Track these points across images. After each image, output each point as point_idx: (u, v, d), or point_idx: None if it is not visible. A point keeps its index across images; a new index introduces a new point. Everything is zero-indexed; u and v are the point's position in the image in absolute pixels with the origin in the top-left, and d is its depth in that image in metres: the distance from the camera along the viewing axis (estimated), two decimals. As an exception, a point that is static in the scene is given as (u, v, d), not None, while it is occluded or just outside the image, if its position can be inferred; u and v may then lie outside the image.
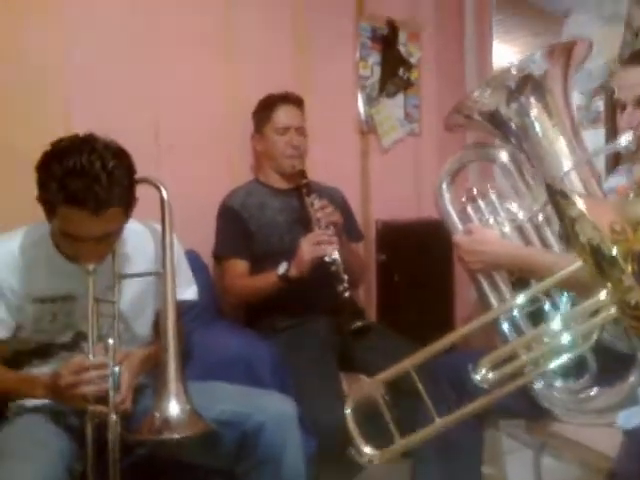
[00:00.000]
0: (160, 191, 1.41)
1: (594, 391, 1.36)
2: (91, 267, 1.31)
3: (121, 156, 1.27)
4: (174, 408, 1.28)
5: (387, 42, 2.67)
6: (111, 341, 1.31)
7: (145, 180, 1.39)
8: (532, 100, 1.42)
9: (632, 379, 1.30)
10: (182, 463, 1.44)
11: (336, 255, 1.86)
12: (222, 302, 2.19)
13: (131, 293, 1.46)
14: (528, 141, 1.45)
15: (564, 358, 0.75)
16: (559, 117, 1.42)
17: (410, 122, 2.75)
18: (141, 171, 1.44)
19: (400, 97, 2.72)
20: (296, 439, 1.39)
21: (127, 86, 2.10)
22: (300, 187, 2.08)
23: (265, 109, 2.19)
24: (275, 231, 2.11)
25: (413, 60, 2.74)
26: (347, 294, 1.83)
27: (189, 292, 1.57)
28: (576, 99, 2.53)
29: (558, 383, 1.39)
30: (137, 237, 1.47)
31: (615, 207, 0.66)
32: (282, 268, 1.92)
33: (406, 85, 2.73)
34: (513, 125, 1.45)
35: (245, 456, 1.39)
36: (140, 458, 1.40)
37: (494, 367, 0.77)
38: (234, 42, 2.33)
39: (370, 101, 2.65)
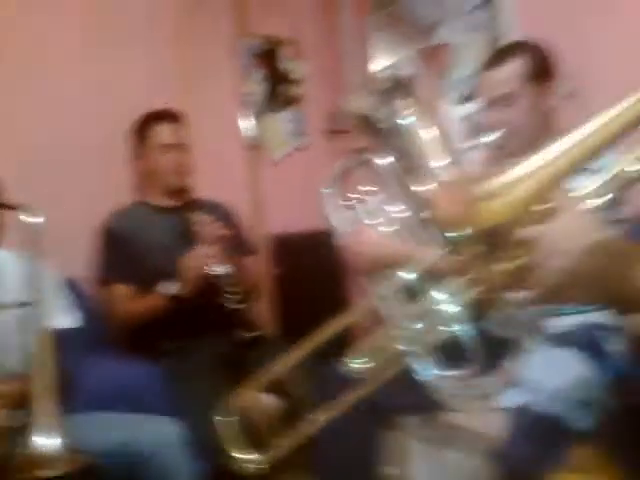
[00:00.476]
0: (30, 216, 1.31)
1: (479, 377, 1.39)
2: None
3: None
4: (46, 444, 1.17)
5: (269, 59, 2.68)
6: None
7: (12, 206, 1.29)
8: (402, 103, 1.44)
9: (511, 362, 1.34)
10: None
11: (221, 269, 1.82)
12: (109, 329, 2.07)
13: (-4, 325, 1.34)
14: (401, 143, 1.48)
15: (431, 342, 0.75)
16: (427, 118, 1.46)
17: (298, 136, 2.77)
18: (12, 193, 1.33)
19: (287, 112, 2.73)
20: (184, 462, 1.34)
21: None
22: (185, 204, 2.03)
23: (144, 127, 2.12)
24: (162, 251, 2.03)
25: (296, 76, 2.77)
26: (237, 307, 1.79)
27: (68, 320, 1.48)
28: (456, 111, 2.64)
29: (443, 373, 1.42)
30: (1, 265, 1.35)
31: (462, 190, 0.67)
32: (168, 288, 1.85)
33: (291, 100, 2.75)
34: (386, 128, 1.47)
35: None
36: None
37: (364, 356, 0.76)
38: (113, 57, 2.24)
39: (257, 116, 2.64)
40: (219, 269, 1.84)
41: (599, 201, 0.73)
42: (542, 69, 1.40)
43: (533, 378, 1.26)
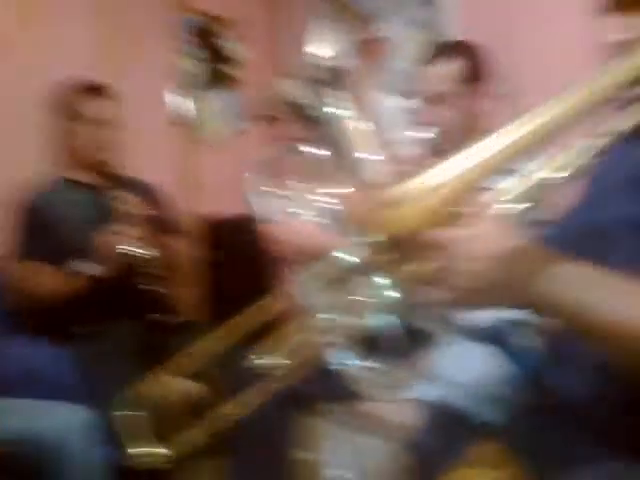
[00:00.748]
0: None
1: (394, 367, 1.40)
2: None
3: None
4: None
5: (209, 37, 2.60)
6: None
7: None
8: (337, 94, 1.41)
9: (426, 354, 1.35)
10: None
11: (140, 250, 1.75)
12: (16, 308, 1.95)
13: None
14: (334, 134, 1.45)
15: (348, 332, 0.74)
16: (361, 110, 1.44)
17: (237, 118, 2.70)
18: None
19: (225, 93, 2.66)
20: (92, 451, 1.30)
21: None
22: (107, 181, 1.94)
23: (66, 99, 1.99)
24: (78, 228, 1.92)
25: (237, 57, 2.69)
26: (155, 289, 1.72)
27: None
28: (395, 100, 2.64)
29: (359, 363, 1.42)
30: None
31: (372, 196, 0.65)
32: (82, 266, 1.76)
33: (231, 82, 2.67)
34: (319, 118, 1.44)
35: (46, 470, 1.27)
36: None
37: (274, 351, 0.74)
38: (37, 23, 2.11)
39: (194, 96, 2.55)
40: (138, 249, 1.76)
41: (515, 206, 0.72)
42: (477, 71, 1.41)
43: (444, 371, 1.27)
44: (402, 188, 0.64)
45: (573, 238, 0.90)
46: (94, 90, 2.00)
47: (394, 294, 0.74)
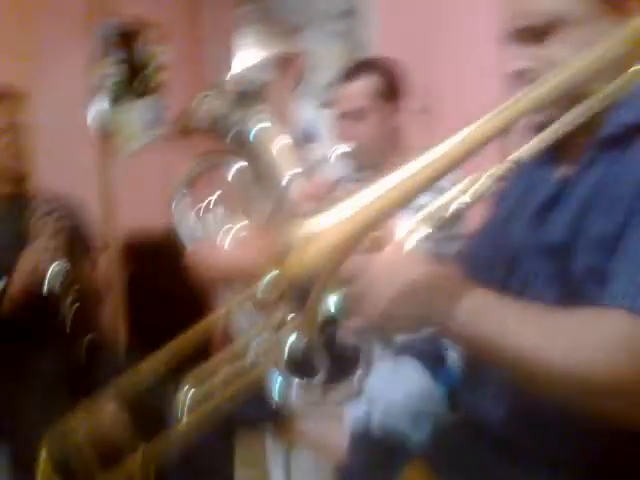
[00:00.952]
0: None
1: (327, 386, 1.40)
2: None
3: None
4: None
5: (128, 41, 2.52)
6: None
7: None
8: (254, 108, 1.41)
9: (359, 372, 1.36)
10: None
11: (55, 267, 1.68)
12: None
13: None
14: (253, 150, 1.44)
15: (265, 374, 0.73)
16: (281, 126, 1.43)
17: (156, 126, 2.63)
18: None
19: (145, 100, 2.59)
20: None
21: None
22: (18, 193, 1.84)
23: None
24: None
25: (159, 62, 2.63)
26: (71, 307, 1.65)
27: None
28: (312, 111, 2.65)
29: (291, 382, 1.41)
30: None
31: (273, 233, 0.64)
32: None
33: (150, 88, 2.60)
34: (237, 133, 1.43)
35: None
36: None
37: (198, 383, 0.73)
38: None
39: (111, 103, 2.47)
40: (52, 267, 1.69)
41: (424, 230, 0.73)
42: (392, 87, 1.44)
43: (373, 389, 1.28)
44: (302, 227, 0.64)
45: (483, 259, 0.93)
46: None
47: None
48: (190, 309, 2.47)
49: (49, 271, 1.69)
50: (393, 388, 1.29)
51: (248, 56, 2.54)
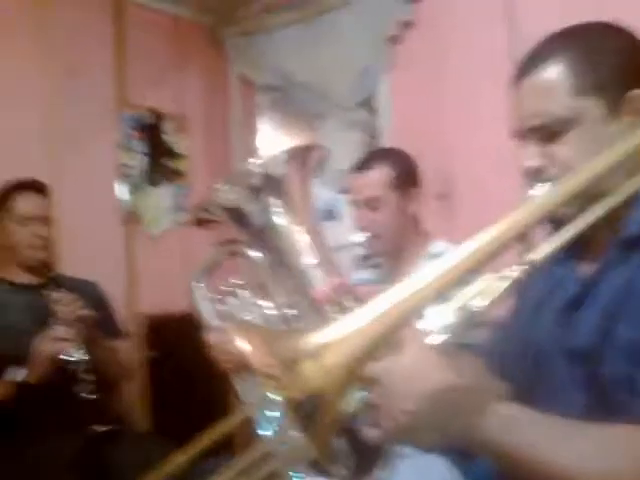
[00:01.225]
0: None
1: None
2: None
3: None
4: None
5: (152, 131, 2.63)
6: None
7: None
8: (272, 199, 1.44)
9: (382, 468, 1.30)
10: None
11: (77, 353, 1.67)
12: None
13: None
14: (271, 239, 1.47)
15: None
16: (299, 215, 1.46)
17: (179, 212, 2.70)
18: None
19: (168, 187, 2.67)
20: None
21: None
22: (45, 282, 1.88)
23: (3, 198, 1.97)
24: (14, 333, 1.84)
25: (180, 150, 2.73)
26: (91, 396, 1.64)
27: None
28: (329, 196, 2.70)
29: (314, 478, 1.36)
30: None
31: (274, 343, 0.63)
32: (16, 374, 1.68)
33: (174, 175, 2.69)
34: (256, 223, 1.46)
35: None
36: None
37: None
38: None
39: (135, 190, 2.55)
40: (75, 354, 1.68)
41: (443, 336, 0.72)
42: (406, 176, 1.47)
43: None
44: (312, 340, 0.63)
45: (510, 355, 0.91)
46: (24, 187, 1.98)
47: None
48: (210, 397, 2.45)
49: (68, 359, 1.68)
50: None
51: (269, 145, 2.62)
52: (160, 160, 2.65)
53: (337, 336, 0.61)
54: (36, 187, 2.00)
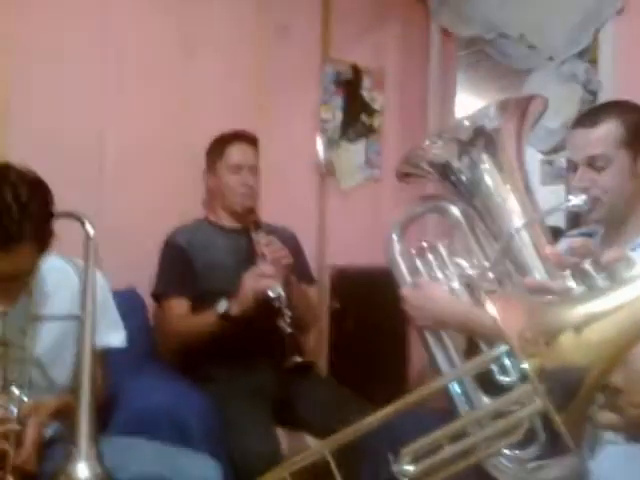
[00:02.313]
0: (84, 225, 1.30)
1: (543, 462, 1.28)
2: (0, 309, 1.19)
3: (37, 187, 1.17)
4: (83, 471, 1.14)
5: (350, 87, 2.66)
6: (16, 391, 1.18)
7: (67, 214, 1.28)
8: (484, 155, 1.37)
9: (582, 452, 1.22)
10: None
11: (280, 290, 1.77)
12: (160, 346, 2.06)
13: (49, 336, 1.33)
14: (479, 196, 1.41)
15: (493, 449, 0.67)
16: (511, 173, 1.38)
17: (371, 168, 2.72)
18: (80, 197, 1.34)
19: (361, 142, 2.70)
20: None
21: (72, 96, 2.05)
22: (250, 227, 2.01)
23: (218, 146, 2.13)
24: (221, 272, 2.01)
25: (376, 106, 2.73)
26: (289, 330, 1.72)
27: (115, 338, 1.45)
28: (537, 156, 2.53)
29: (506, 451, 1.32)
30: (58, 274, 1.36)
31: (530, 312, 0.58)
32: (222, 306, 1.82)
33: (368, 131, 2.71)
34: (464, 179, 1.41)
35: None
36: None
37: (417, 458, 0.68)
38: (194, 75, 2.28)
39: (331, 144, 2.61)
40: (278, 291, 1.78)
41: None
42: (638, 134, 1.30)
43: (607, 477, 1.13)
44: (581, 310, 0.56)
45: None
46: (238, 138, 2.11)
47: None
48: (389, 345, 2.48)
49: (268, 294, 1.78)
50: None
51: (474, 98, 2.52)
52: (356, 116, 2.67)
53: (605, 311, 0.55)
54: (248, 138, 2.13)
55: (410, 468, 0.67)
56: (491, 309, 0.56)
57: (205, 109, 2.29)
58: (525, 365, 0.54)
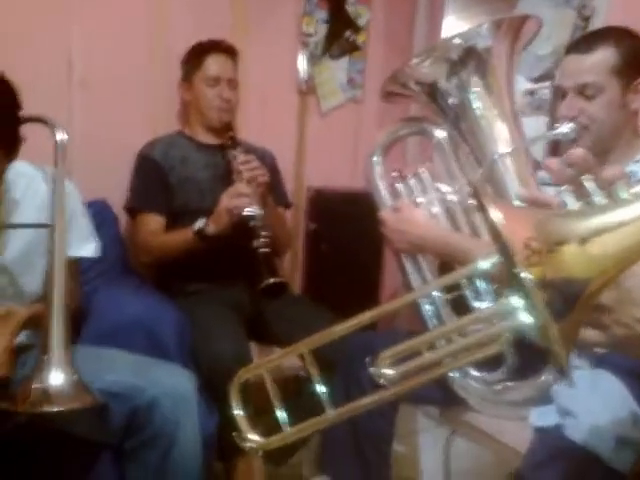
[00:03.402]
0: (54, 130, 1.23)
1: (510, 384, 1.32)
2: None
3: (3, 89, 1.10)
4: (56, 378, 1.14)
5: (334, 2, 2.53)
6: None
7: (36, 119, 1.21)
8: (473, 76, 1.33)
9: (548, 375, 1.26)
10: (66, 435, 1.32)
11: (256, 210, 1.74)
12: (132, 258, 2.04)
13: (19, 244, 1.30)
14: (465, 119, 1.37)
15: (470, 358, 0.68)
16: (500, 97, 1.34)
17: (353, 87, 2.64)
18: (49, 107, 1.28)
19: (345, 60, 2.60)
20: (192, 417, 1.29)
21: (38, 11, 1.91)
22: (227, 143, 1.95)
23: (195, 56, 2.03)
24: (196, 187, 1.98)
25: (361, 22, 2.61)
26: (263, 250, 1.71)
27: (87, 248, 1.42)
28: (522, 84, 2.48)
29: (474, 372, 1.35)
30: (27, 181, 1.30)
31: (536, 220, 0.57)
32: (199, 224, 1.79)
33: (352, 48, 2.60)
34: (451, 100, 1.37)
35: (135, 432, 1.28)
36: (19, 427, 1.26)
37: (394, 363, 0.69)
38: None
39: (312, 60, 2.51)
40: (254, 211, 1.75)
41: None
42: (634, 63, 1.26)
43: (570, 401, 1.17)
44: (586, 223, 0.55)
45: None
46: (216, 48, 2.02)
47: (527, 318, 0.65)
48: (363, 268, 2.51)
49: (244, 214, 1.75)
50: (595, 407, 1.15)
51: (464, 18, 2.43)
52: (340, 31, 2.56)
53: (610, 225, 0.54)
54: (227, 49, 2.03)
55: (389, 371, 0.68)
56: (496, 215, 0.55)
57: (181, 19, 2.16)
58: (527, 274, 0.53)
